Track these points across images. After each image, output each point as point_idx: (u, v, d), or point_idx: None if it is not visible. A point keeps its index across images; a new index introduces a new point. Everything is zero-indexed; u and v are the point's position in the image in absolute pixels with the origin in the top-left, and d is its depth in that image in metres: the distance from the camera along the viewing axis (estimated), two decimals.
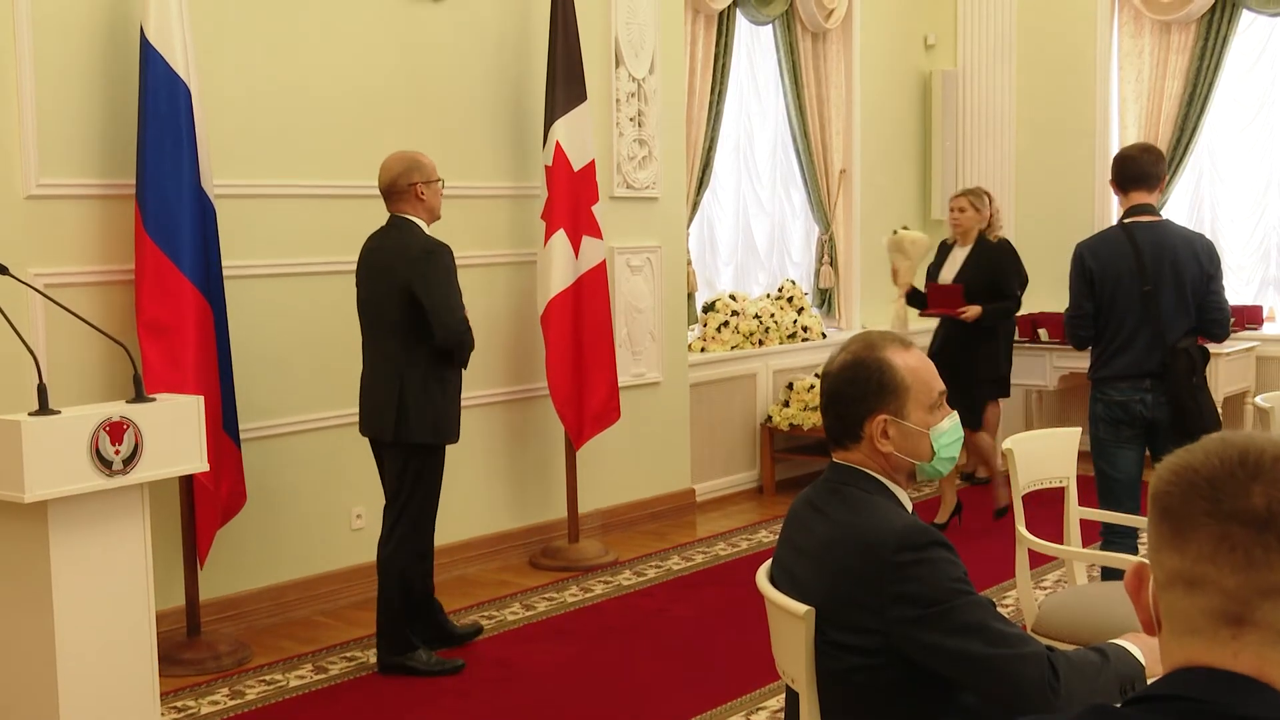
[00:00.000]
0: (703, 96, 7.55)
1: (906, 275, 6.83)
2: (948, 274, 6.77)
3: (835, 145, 8.62)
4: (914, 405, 2.35)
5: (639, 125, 6.86)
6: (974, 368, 6.63)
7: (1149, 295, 4.62)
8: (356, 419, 5.59)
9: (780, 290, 8.33)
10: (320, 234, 5.52)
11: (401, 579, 4.80)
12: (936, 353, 6.53)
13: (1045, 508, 5.14)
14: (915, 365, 2.36)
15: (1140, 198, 4.70)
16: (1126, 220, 4.72)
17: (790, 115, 8.32)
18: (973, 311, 6.57)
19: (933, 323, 7.08)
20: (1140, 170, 4.67)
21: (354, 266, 5.58)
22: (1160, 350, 4.62)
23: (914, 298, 6.83)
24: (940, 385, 2.40)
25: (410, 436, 4.71)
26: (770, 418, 7.82)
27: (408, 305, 4.66)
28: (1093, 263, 4.74)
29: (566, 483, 6.35)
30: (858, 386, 2.34)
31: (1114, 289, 4.68)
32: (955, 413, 2.43)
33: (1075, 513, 4.16)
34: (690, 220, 7.55)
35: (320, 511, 5.59)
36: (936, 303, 6.71)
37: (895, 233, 7.13)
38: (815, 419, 7.58)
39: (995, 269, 6.67)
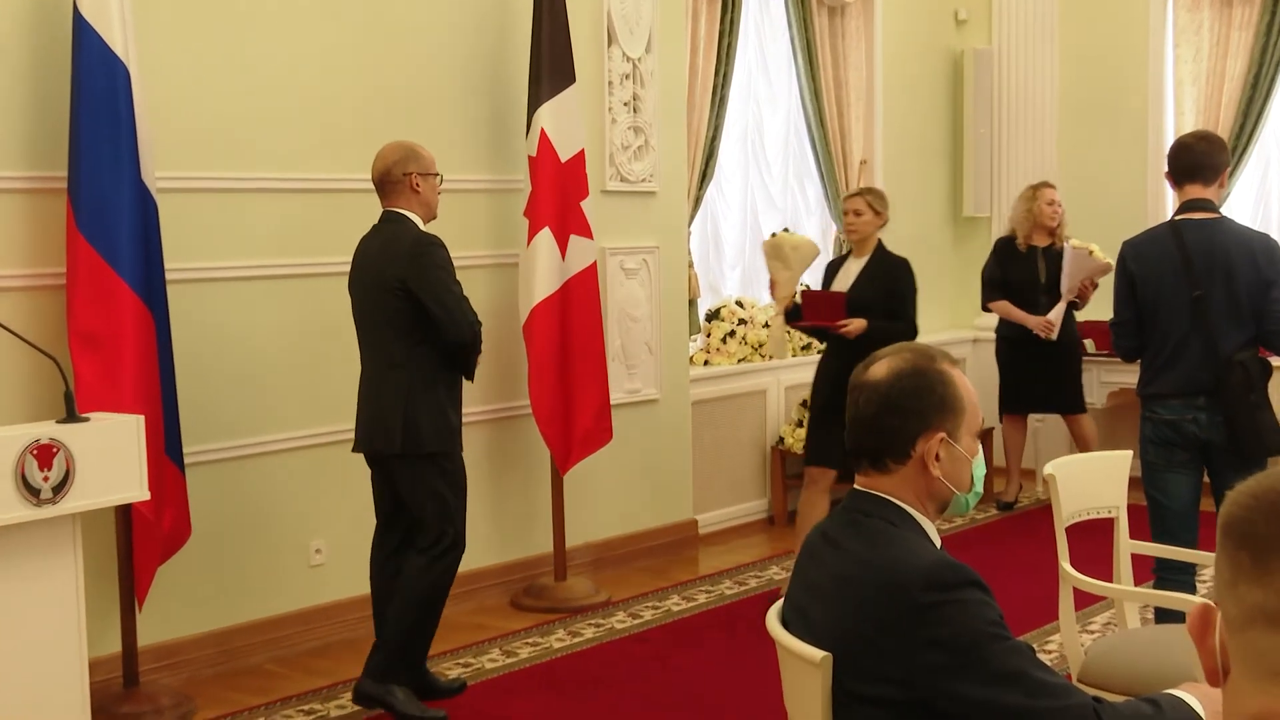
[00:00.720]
0: (706, 79, 7.57)
1: (787, 287, 6.23)
2: (840, 290, 6.18)
3: (855, 133, 8.64)
4: (966, 428, 2.40)
5: (634, 111, 6.87)
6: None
7: (1198, 302, 4.62)
8: (320, 440, 5.56)
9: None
10: (277, 233, 5.53)
11: (430, 595, 4.88)
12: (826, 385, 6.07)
13: (1092, 541, 5.15)
14: (967, 385, 2.43)
15: (1195, 192, 4.71)
16: (1177, 217, 4.74)
17: (804, 100, 8.35)
18: (856, 325, 5.94)
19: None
20: (1194, 161, 4.68)
21: (317, 268, 5.58)
22: (1213, 363, 4.61)
23: (796, 314, 6.25)
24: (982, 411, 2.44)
25: (421, 446, 4.80)
26: (782, 440, 7.82)
27: (406, 306, 4.77)
28: (1135, 265, 4.76)
29: (552, 513, 6.35)
30: (919, 399, 2.36)
31: (1157, 294, 4.70)
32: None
33: (1126, 546, 4.17)
34: (692, 218, 7.56)
35: (275, 546, 5.59)
36: (813, 313, 6.13)
37: (773, 235, 6.59)
38: None
39: (893, 286, 6.04)
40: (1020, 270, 7.77)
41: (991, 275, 7.88)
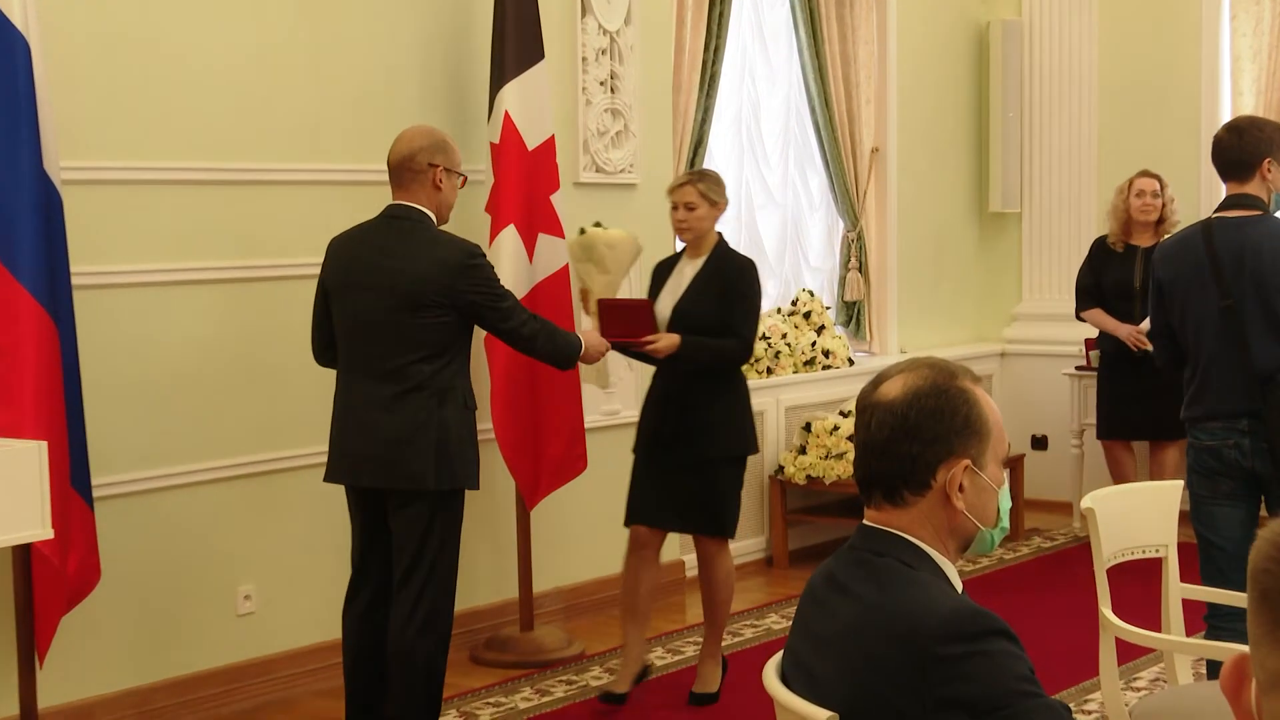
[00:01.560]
0: (694, 54, 7.59)
1: (603, 294, 5.75)
2: (667, 301, 5.70)
3: (865, 117, 8.67)
4: (992, 455, 2.41)
5: (612, 91, 6.89)
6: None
7: (1228, 312, 4.64)
8: (250, 469, 5.55)
9: (795, 304, 8.36)
10: (201, 231, 5.52)
11: (430, 668, 4.89)
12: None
13: (1137, 584, 5.16)
14: (992, 406, 2.43)
15: (1234, 187, 4.75)
16: (1213, 215, 4.77)
17: (807, 78, 8.37)
18: (666, 342, 5.51)
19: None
20: (1223, 157, 4.74)
21: (250, 271, 5.56)
22: (1250, 382, 4.62)
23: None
24: (1007, 436, 2.45)
25: (454, 481, 4.86)
26: (782, 468, 7.84)
27: (445, 322, 4.81)
28: (1163, 270, 4.81)
29: (518, 553, 6.35)
30: (941, 421, 2.37)
31: (1184, 303, 4.74)
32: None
33: (1176, 591, 4.17)
34: None
35: (198, 592, 5.57)
36: (614, 327, 5.58)
37: (582, 231, 5.88)
38: (840, 470, 7.60)
39: (730, 293, 5.61)
40: (1114, 274, 7.74)
41: (1083, 281, 7.86)
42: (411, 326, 4.79)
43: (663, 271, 5.85)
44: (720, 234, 5.79)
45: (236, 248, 5.62)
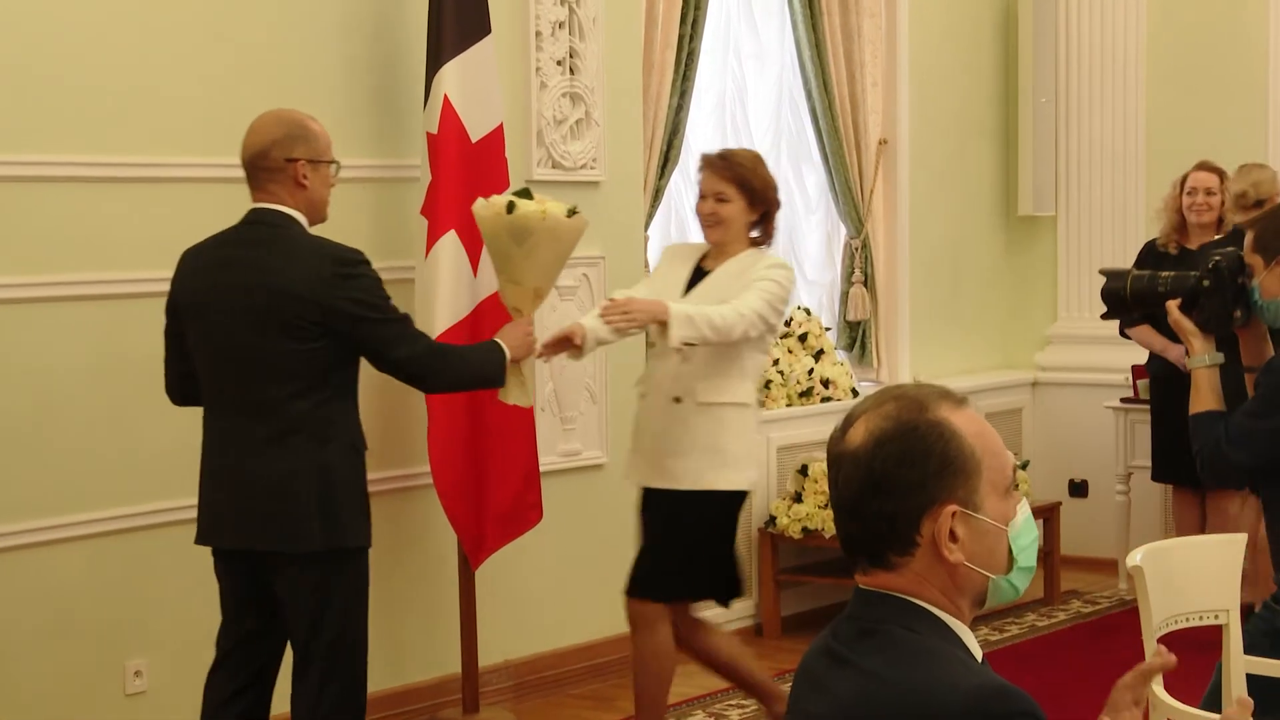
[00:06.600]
0: (669, 28, 7.60)
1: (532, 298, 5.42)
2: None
3: (871, 104, 8.70)
4: (988, 489, 2.38)
5: (570, 72, 6.89)
6: None
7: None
8: (141, 521, 5.52)
9: (789, 324, 8.36)
10: (77, 238, 5.52)
11: None
12: None
13: (1194, 656, 5.16)
14: (980, 430, 2.40)
15: None
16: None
17: (803, 58, 8.39)
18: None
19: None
20: None
21: (137, 285, 5.53)
22: None
23: None
24: (1012, 458, 2.42)
25: (343, 538, 4.76)
26: (773, 519, 7.84)
27: (318, 348, 4.71)
28: None
29: (461, 620, 6.33)
30: (912, 467, 2.35)
31: None
32: (1025, 499, 2.45)
33: (1239, 665, 4.17)
34: (650, 216, 7.60)
35: (80, 666, 5.54)
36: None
37: (511, 207, 5.32)
38: None
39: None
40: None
41: None
42: (280, 354, 4.70)
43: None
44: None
45: (121, 257, 5.59)
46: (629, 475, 5.87)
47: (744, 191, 5.65)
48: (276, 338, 4.68)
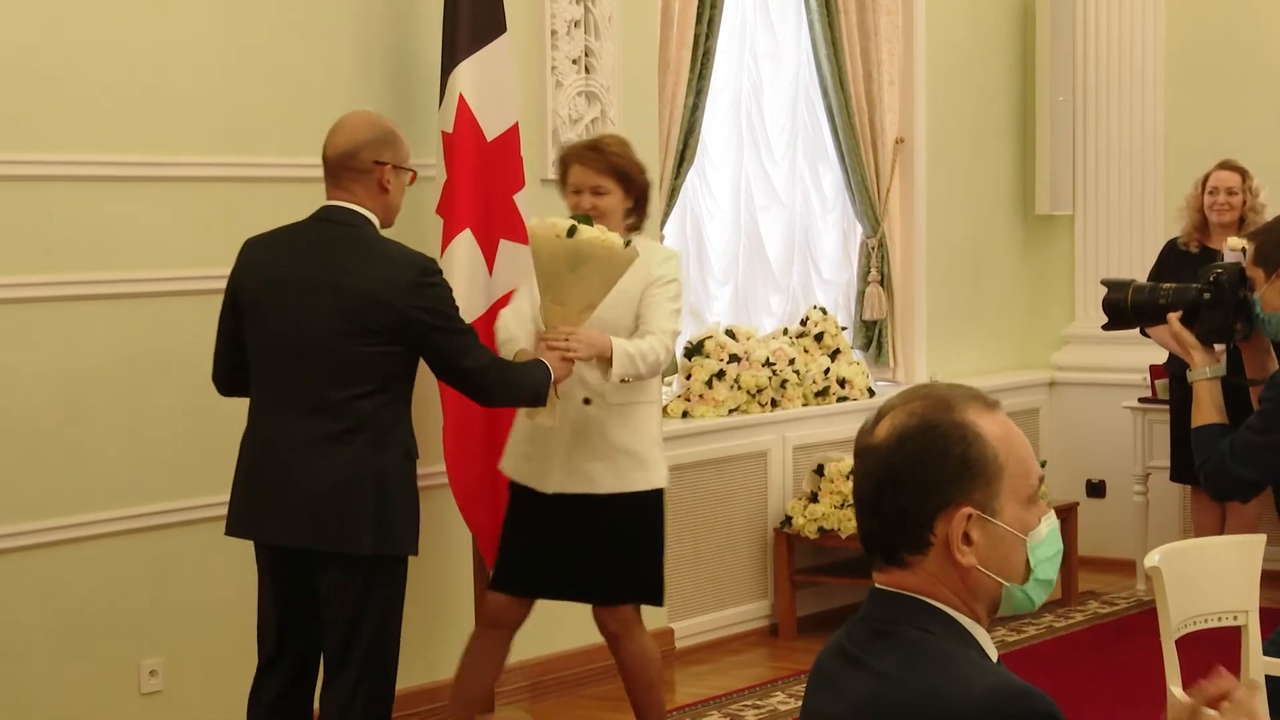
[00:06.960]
0: (685, 28, 7.60)
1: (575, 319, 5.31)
2: None
3: (887, 103, 8.69)
4: (1009, 495, 2.38)
5: (586, 71, 6.89)
6: None
7: None
8: (157, 520, 5.53)
9: (804, 323, 8.35)
10: (95, 236, 5.52)
11: None
12: None
13: (1212, 657, 5.14)
14: (1007, 434, 2.41)
15: None
16: None
17: (819, 57, 8.38)
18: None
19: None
20: None
21: (155, 285, 5.54)
22: None
23: None
24: (1038, 467, 2.42)
25: (394, 545, 4.81)
26: (789, 519, 7.83)
27: (389, 352, 4.74)
28: None
29: (475, 621, 6.32)
30: (929, 466, 2.36)
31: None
32: (1053, 512, 2.45)
33: (1258, 665, 4.17)
34: (666, 215, 7.60)
35: (95, 666, 5.55)
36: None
37: (573, 231, 5.21)
38: None
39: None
40: (1188, 281, 7.64)
41: None
42: (352, 354, 4.72)
43: None
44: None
45: (138, 255, 5.60)
46: (526, 479, 5.60)
47: (621, 181, 5.55)
48: (349, 338, 4.70)
